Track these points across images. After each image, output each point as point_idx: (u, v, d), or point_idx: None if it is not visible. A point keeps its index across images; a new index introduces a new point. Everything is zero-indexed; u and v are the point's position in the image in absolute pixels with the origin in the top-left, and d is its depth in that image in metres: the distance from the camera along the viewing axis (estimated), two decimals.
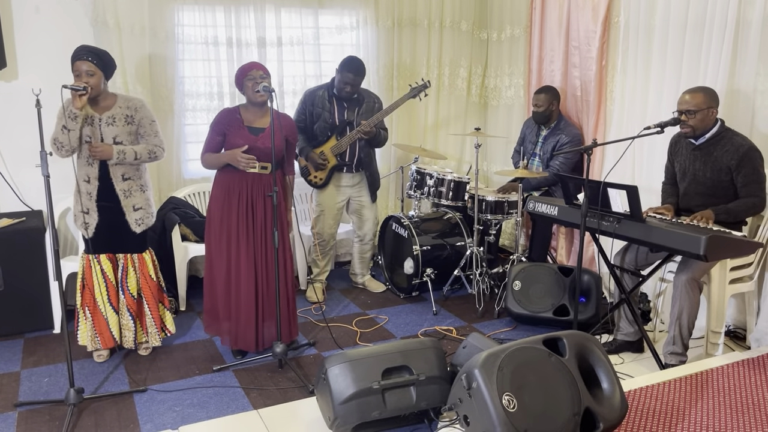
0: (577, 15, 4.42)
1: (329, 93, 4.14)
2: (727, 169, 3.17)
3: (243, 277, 3.30)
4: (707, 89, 3.17)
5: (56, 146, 3.08)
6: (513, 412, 2.21)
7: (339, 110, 4.14)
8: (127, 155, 3.16)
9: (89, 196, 3.21)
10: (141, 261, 3.37)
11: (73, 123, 3.04)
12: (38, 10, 3.99)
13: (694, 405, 2.76)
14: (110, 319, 3.33)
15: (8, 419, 2.87)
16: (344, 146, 4.12)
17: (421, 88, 4.25)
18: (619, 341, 3.51)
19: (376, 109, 4.22)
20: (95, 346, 3.37)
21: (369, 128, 4.04)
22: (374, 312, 4.19)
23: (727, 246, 2.82)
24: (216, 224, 3.33)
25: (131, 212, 3.28)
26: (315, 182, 4.23)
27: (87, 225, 3.24)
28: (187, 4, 4.38)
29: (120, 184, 3.23)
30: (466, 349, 2.84)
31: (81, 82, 3.05)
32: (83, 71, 3.06)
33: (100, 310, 3.31)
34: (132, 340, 3.41)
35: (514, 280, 3.94)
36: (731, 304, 3.66)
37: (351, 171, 4.26)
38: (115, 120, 3.17)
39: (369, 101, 4.22)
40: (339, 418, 2.55)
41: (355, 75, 4.01)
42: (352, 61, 4.01)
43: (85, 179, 3.20)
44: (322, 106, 4.12)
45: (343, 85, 4.04)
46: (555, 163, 4.39)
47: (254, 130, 3.28)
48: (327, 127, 4.12)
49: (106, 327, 3.33)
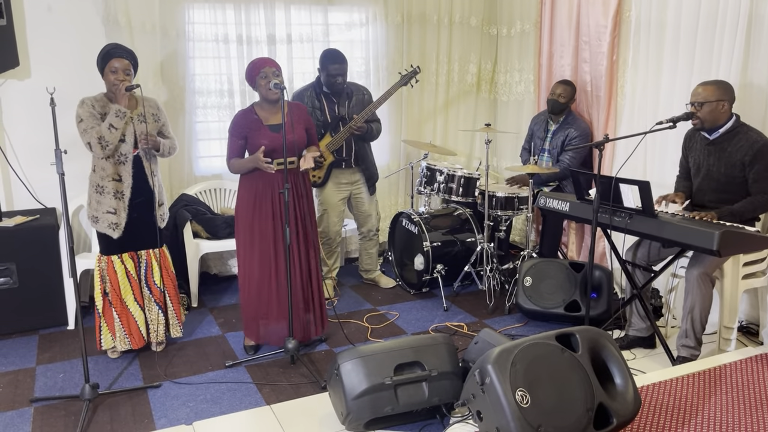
0: (587, 9, 4.39)
1: (317, 91, 4.13)
2: (740, 164, 3.15)
3: (282, 274, 3.32)
4: (722, 83, 3.16)
5: (101, 145, 3.09)
6: (526, 408, 2.21)
7: (329, 106, 4.13)
8: (164, 148, 3.33)
9: (120, 194, 3.23)
10: (162, 255, 3.43)
11: (120, 122, 3.09)
12: (50, 9, 4.02)
13: (707, 401, 2.76)
14: (138, 319, 3.37)
15: (24, 414, 2.90)
16: (339, 142, 4.12)
17: (411, 74, 4.25)
18: (631, 337, 3.50)
19: (366, 100, 4.21)
20: (125, 347, 3.38)
21: (360, 123, 4.04)
22: (385, 308, 4.20)
23: (740, 241, 2.81)
24: (246, 226, 3.33)
25: (158, 207, 3.36)
26: (314, 181, 4.23)
27: (116, 225, 3.24)
28: (198, 2, 4.40)
29: (152, 179, 3.31)
30: (477, 344, 2.84)
31: (118, 79, 3.10)
32: (121, 69, 3.11)
33: (129, 310, 3.35)
34: (163, 333, 3.47)
35: (524, 276, 3.93)
36: (744, 300, 3.64)
37: (350, 166, 4.26)
38: (145, 118, 3.24)
39: (359, 94, 4.21)
40: (352, 414, 2.56)
41: (340, 63, 4.01)
42: (330, 53, 4.03)
43: (115, 178, 3.21)
44: (312, 105, 4.11)
45: (334, 78, 4.03)
46: (564, 157, 4.38)
47: (274, 127, 3.29)
48: (320, 125, 4.11)
49: (135, 326, 3.37)
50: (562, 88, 4.39)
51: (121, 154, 3.20)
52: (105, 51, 3.14)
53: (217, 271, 4.68)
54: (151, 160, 3.32)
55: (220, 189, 4.70)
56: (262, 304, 3.39)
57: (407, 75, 4.25)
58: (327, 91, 4.12)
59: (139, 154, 3.25)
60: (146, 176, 3.29)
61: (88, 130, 3.10)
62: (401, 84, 4.24)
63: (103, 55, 3.13)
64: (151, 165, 3.31)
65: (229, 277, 4.74)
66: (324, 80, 4.07)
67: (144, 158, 3.27)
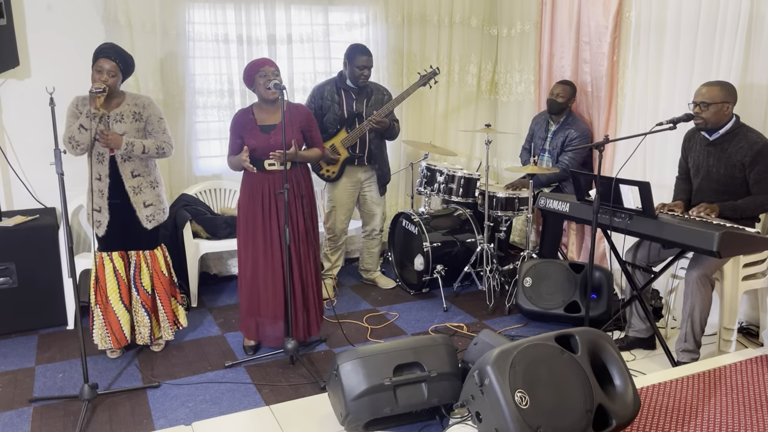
0: (587, 10, 4.39)
1: (337, 86, 4.16)
2: (740, 165, 3.14)
3: (279, 274, 3.32)
4: (726, 84, 3.15)
5: (72, 144, 3.10)
6: (525, 409, 2.21)
7: (348, 102, 4.15)
8: (135, 147, 3.17)
9: (101, 193, 3.23)
10: (153, 257, 3.39)
11: (90, 123, 3.07)
12: (50, 8, 4.02)
13: (707, 402, 2.75)
14: (122, 318, 3.35)
15: (23, 414, 2.90)
16: (355, 138, 4.13)
17: (431, 75, 4.26)
18: (631, 338, 3.50)
19: (385, 100, 4.23)
20: (106, 345, 3.39)
21: (381, 118, 4.04)
22: (385, 308, 4.20)
23: (740, 242, 2.81)
24: (243, 224, 3.36)
25: (142, 209, 3.29)
26: (328, 176, 4.23)
27: (99, 223, 3.27)
28: (198, 2, 4.39)
29: (129, 180, 3.25)
30: (477, 345, 2.84)
31: (101, 79, 3.08)
32: (106, 69, 3.09)
33: (112, 309, 3.33)
34: (148, 336, 3.43)
35: (524, 277, 3.93)
36: (744, 301, 3.64)
37: (363, 164, 4.26)
38: (123, 117, 3.19)
39: (378, 93, 4.23)
40: (351, 414, 2.56)
41: (369, 56, 4.06)
42: (358, 46, 4.08)
43: (96, 177, 3.23)
44: (331, 98, 4.13)
45: (360, 71, 4.05)
46: (564, 158, 4.38)
47: (266, 128, 3.29)
48: (336, 120, 4.13)
49: (118, 325, 3.35)
50: (561, 88, 4.39)
51: (99, 154, 3.19)
52: (98, 49, 3.14)
53: (217, 271, 4.68)
54: (129, 161, 3.23)
55: (220, 189, 4.70)
56: (253, 302, 3.38)
57: (427, 75, 4.28)
58: (349, 86, 4.14)
59: (114, 154, 3.22)
60: (122, 178, 3.24)
61: (66, 129, 3.12)
62: (420, 84, 4.27)
63: (95, 54, 3.13)
64: (128, 165, 3.23)
65: (229, 277, 4.74)
66: (349, 73, 4.09)
67: (119, 158, 3.21)
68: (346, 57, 4.09)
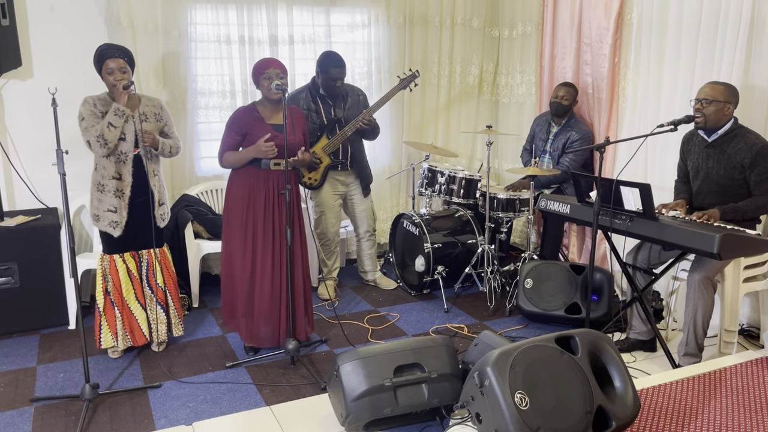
0: (589, 12, 4.39)
1: (312, 93, 4.11)
2: (740, 167, 3.15)
3: (268, 274, 3.32)
4: (729, 86, 3.16)
5: (100, 143, 3.09)
6: (525, 410, 2.21)
7: (325, 109, 4.11)
8: (164, 147, 3.30)
9: (120, 193, 3.23)
10: (163, 255, 3.43)
11: (119, 120, 3.10)
12: (53, 9, 4.03)
13: (708, 404, 2.75)
14: (139, 317, 3.38)
15: (25, 414, 2.91)
16: (337, 144, 4.10)
17: (410, 78, 4.24)
18: (632, 340, 3.50)
19: (361, 101, 4.21)
20: (126, 344, 3.40)
21: (371, 117, 4.04)
22: (385, 309, 4.20)
23: (741, 244, 2.81)
24: (237, 222, 3.33)
25: (157, 207, 3.36)
26: (310, 183, 4.21)
27: (116, 224, 3.25)
28: (200, 3, 4.40)
29: (152, 179, 3.31)
30: (477, 346, 2.84)
31: (117, 78, 3.11)
32: (117, 68, 3.11)
33: (129, 309, 3.36)
34: (165, 333, 3.48)
35: (525, 278, 3.93)
36: (745, 303, 3.64)
37: (346, 168, 4.25)
38: (147, 117, 3.25)
39: (353, 95, 4.20)
40: (351, 415, 2.57)
41: (341, 67, 3.98)
42: (329, 55, 3.98)
43: (115, 176, 3.22)
44: (308, 107, 4.08)
45: (333, 82, 3.98)
46: (565, 160, 4.38)
47: (277, 126, 3.30)
48: (315, 128, 4.08)
49: (136, 325, 3.38)
50: (565, 90, 4.39)
51: (122, 153, 3.20)
52: (98, 52, 3.15)
53: (218, 271, 4.69)
54: (151, 160, 3.32)
55: (222, 189, 4.70)
56: (240, 302, 3.37)
57: (406, 79, 4.24)
58: (323, 94, 4.09)
59: (139, 153, 3.26)
60: (146, 175, 3.29)
61: (89, 129, 3.11)
62: (400, 88, 4.22)
63: (98, 58, 3.15)
64: (151, 164, 3.31)
65: None
66: (322, 82, 4.03)
67: (144, 157, 3.27)
68: (319, 66, 4.00)
